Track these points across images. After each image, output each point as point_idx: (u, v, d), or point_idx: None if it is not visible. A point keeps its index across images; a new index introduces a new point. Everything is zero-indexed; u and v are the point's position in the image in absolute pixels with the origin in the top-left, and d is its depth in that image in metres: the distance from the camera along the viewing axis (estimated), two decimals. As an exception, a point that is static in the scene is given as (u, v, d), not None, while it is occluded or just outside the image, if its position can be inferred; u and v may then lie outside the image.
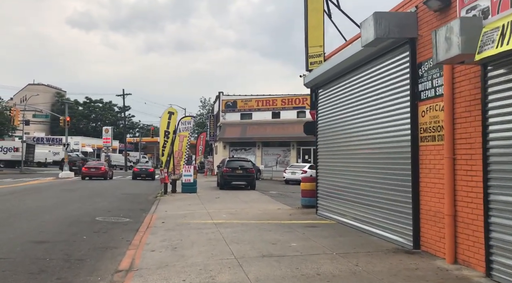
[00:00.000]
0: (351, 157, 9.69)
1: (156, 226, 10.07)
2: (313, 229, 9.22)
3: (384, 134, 8.08)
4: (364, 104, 9.02)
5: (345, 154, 10.03)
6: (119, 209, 13.75)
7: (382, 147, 8.18)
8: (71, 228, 9.83)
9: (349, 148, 9.83)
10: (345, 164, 10.02)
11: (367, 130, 8.85)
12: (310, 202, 13.10)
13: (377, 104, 8.38)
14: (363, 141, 9.03)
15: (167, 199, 17.20)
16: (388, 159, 7.95)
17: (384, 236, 7.82)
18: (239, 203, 15.39)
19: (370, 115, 8.69)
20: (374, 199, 8.37)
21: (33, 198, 16.77)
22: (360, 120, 9.18)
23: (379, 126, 8.27)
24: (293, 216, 11.39)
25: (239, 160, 24.15)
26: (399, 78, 7.55)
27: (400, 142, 7.51)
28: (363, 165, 9.04)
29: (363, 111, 9.04)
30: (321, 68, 10.66)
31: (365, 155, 8.97)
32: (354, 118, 9.51)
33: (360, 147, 9.23)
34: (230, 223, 10.26)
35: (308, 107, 38.91)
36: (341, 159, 10.29)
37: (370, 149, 8.72)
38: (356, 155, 9.48)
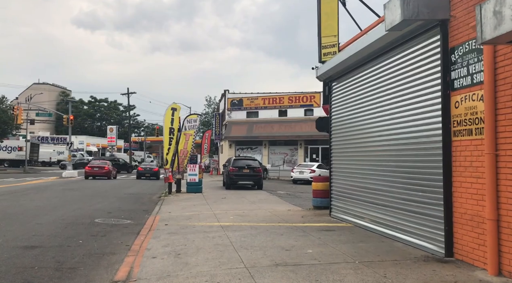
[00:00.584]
0: (370, 155, 8.92)
1: (159, 229, 9.36)
2: (329, 233, 8.46)
3: (410, 129, 7.30)
4: (385, 96, 8.24)
5: (363, 151, 9.26)
6: (120, 210, 13.07)
7: (407, 143, 7.40)
8: (67, 231, 9.15)
9: (368, 145, 9.05)
10: (363, 162, 9.25)
11: (389, 125, 8.07)
12: (323, 203, 12.36)
13: (401, 95, 7.60)
14: (385, 136, 8.25)
15: (171, 199, 16.52)
16: (414, 157, 7.17)
17: (410, 242, 7.05)
18: (246, 204, 14.66)
19: (393, 108, 7.91)
20: (398, 200, 7.60)
21: (32, 198, 16.14)
22: (381, 114, 8.40)
23: (404, 120, 7.49)
24: (306, 218, 10.63)
25: (246, 159, 23.43)
26: (427, 66, 6.77)
27: (429, 137, 6.73)
28: (384, 163, 8.27)
29: (384, 104, 8.27)
30: (336, 58, 9.89)
31: (387, 153, 8.19)
32: (373, 111, 8.73)
33: (380, 143, 8.45)
34: (238, 226, 9.53)
35: (316, 105, 38.19)
36: (358, 157, 9.52)
37: (393, 146, 7.94)
38: (376, 152, 8.71)
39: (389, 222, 7.90)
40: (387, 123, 8.18)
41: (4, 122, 43.33)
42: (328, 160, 35.32)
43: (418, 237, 6.85)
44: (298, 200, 16.88)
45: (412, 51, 7.18)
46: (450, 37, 6.24)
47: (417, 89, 7.05)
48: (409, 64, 7.31)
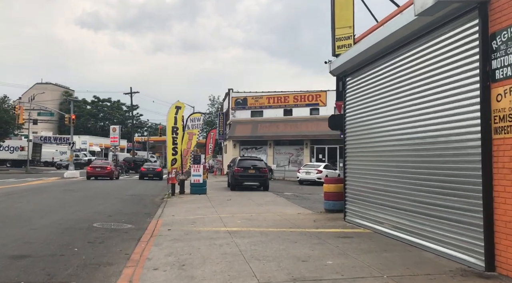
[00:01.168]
0: (391, 155, 8.19)
1: (161, 235, 8.67)
2: (348, 240, 7.74)
3: (439, 126, 6.57)
4: (409, 90, 7.51)
5: (383, 151, 8.53)
6: (121, 213, 12.39)
7: (436, 143, 6.68)
8: (62, 236, 8.47)
9: (388, 144, 8.33)
10: (383, 163, 8.52)
11: (414, 122, 7.34)
12: (335, 206, 11.64)
13: (428, 89, 6.87)
14: (409, 135, 7.52)
15: (175, 201, 15.84)
16: (444, 157, 6.44)
17: (441, 252, 6.31)
18: (253, 206, 13.96)
19: (418, 104, 7.18)
20: (425, 205, 6.86)
21: (30, 199, 15.50)
22: (404, 109, 7.68)
23: (432, 116, 6.76)
24: (318, 223, 9.91)
25: (251, 159, 22.72)
26: (462, 55, 6.03)
27: (463, 135, 6.00)
28: (407, 164, 7.54)
29: (407, 98, 7.54)
30: (353, 50, 9.17)
31: (411, 152, 7.47)
32: (395, 107, 8.01)
33: (403, 142, 7.72)
34: (247, 232, 8.82)
35: (322, 104, 37.43)
36: (377, 158, 8.80)
37: (418, 145, 7.21)
38: (397, 152, 7.98)
39: (414, 229, 7.17)
40: (411, 119, 7.46)
41: (6, 122, 42.79)
42: (331, 160, 34.28)
43: (452, 247, 6.11)
44: (307, 202, 16.17)
45: (443, 39, 6.44)
46: (491, 21, 5.51)
47: (449, 82, 6.32)
48: (439, 54, 6.58)
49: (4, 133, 45.14)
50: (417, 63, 7.21)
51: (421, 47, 7.05)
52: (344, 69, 9.99)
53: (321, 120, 34.57)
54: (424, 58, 6.98)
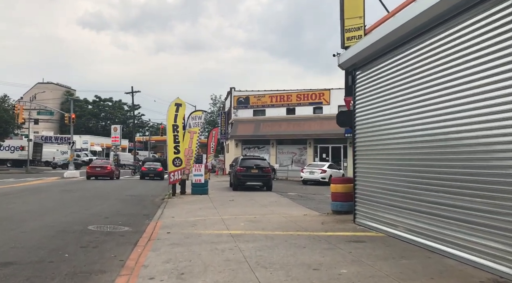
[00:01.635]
0: (407, 153, 7.61)
1: (160, 239, 8.11)
2: (360, 245, 7.16)
3: (466, 119, 5.98)
4: (428, 83, 6.94)
5: (398, 149, 7.95)
6: (119, 214, 11.85)
7: (460, 138, 6.10)
8: (54, 240, 7.91)
9: (403, 141, 7.74)
10: (397, 162, 7.94)
11: (433, 117, 6.77)
12: (343, 207, 11.06)
13: (455, 79, 6.25)
14: (427, 130, 6.94)
15: (175, 202, 15.29)
16: (474, 154, 5.83)
17: (466, 260, 5.73)
18: (257, 207, 13.39)
19: (440, 96, 6.60)
20: (447, 208, 6.28)
21: (26, 200, 14.97)
22: (423, 104, 7.10)
23: (458, 109, 6.17)
24: (327, 226, 9.33)
25: (254, 159, 22.14)
26: (503, 37, 5.31)
27: (495, 129, 5.41)
28: (427, 163, 6.96)
29: (428, 91, 6.96)
30: (364, 42, 8.60)
31: (431, 150, 6.88)
32: (413, 102, 7.42)
33: (421, 139, 7.14)
34: (251, 235, 8.25)
35: (325, 102, 36.82)
36: (391, 156, 8.22)
37: (439, 142, 6.63)
38: (414, 149, 7.40)
39: (434, 233, 6.59)
40: (429, 114, 6.90)
41: (6, 122, 42.33)
42: (335, 159, 33.62)
43: (480, 254, 5.52)
44: (312, 202, 15.60)
45: (479, 20, 5.71)
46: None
47: (476, 72, 5.72)
48: (469, 38, 5.93)
49: (4, 133, 44.69)
50: (437, 53, 6.65)
51: (446, 32, 6.43)
52: (354, 62, 9.41)
53: (325, 119, 34.04)
54: (450, 45, 6.34)
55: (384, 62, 8.50)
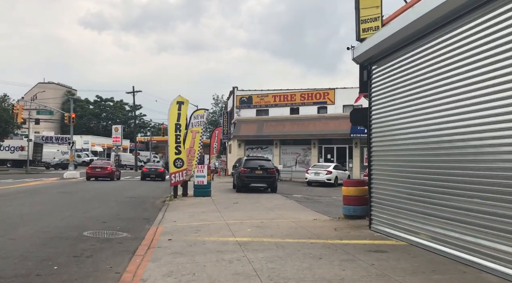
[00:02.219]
0: (432, 153, 6.93)
1: (160, 247, 7.45)
2: (383, 256, 6.47)
3: (504, 116, 5.29)
4: (456, 77, 6.27)
5: (420, 149, 7.27)
6: (117, 218, 11.18)
7: (487, 137, 5.41)
8: (45, 249, 7.25)
9: (427, 141, 7.06)
10: (420, 163, 7.26)
11: (460, 114, 6.11)
12: (356, 211, 10.38)
13: (481, 74, 5.61)
14: (456, 129, 6.26)
15: (177, 204, 14.63)
16: (497, 155, 5.16)
17: (510, 276, 5.04)
18: (262, 211, 12.71)
19: (469, 91, 5.93)
20: (483, 215, 5.59)
21: (20, 203, 14.32)
22: (448, 100, 6.44)
23: (485, 106, 5.50)
24: (341, 232, 8.64)
25: (258, 159, 21.43)
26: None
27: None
28: (456, 164, 6.28)
29: (453, 86, 6.30)
30: (382, 33, 7.91)
31: (459, 150, 6.19)
32: (438, 97, 6.75)
33: (449, 138, 6.47)
34: (260, 243, 7.57)
35: (330, 102, 36.11)
36: (412, 157, 7.52)
37: (471, 141, 5.94)
38: (438, 150, 6.73)
39: (466, 243, 5.90)
40: (453, 112, 6.32)
41: (5, 121, 41.77)
42: (341, 160, 32.82)
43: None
44: (320, 205, 14.92)
45: (509, 9, 5.15)
46: None
47: None
48: (498, 29, 5.29)
49: (4, 133, 44.13)
50: (466, 43, 5.97)
51: (476, 21, 5.76)
52: (370, 56, 8.73)
53: (330, 119, 33.37)
54: (472, 38, 5.71)
55: (404, 55, 7.83)
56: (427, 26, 6.93)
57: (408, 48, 7.69)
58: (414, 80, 7.56)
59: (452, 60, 6.45)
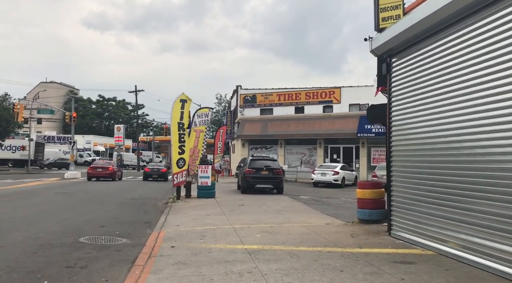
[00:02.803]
0: (466, 153, 6.23)
1: (162, 255, 6.78)
2: (411, 268, 5.76)
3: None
4: (492, 68, 5.55)
5: (449, 148, 6.57)
6: (117, 222, 10.52)
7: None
8: (35, 258, 6.59)
9: (457, 139, 6.36)
10: (449, 163, 6.56)
11: (488, 111, 5.42)
12: (372, 215, 9.69)
13: None
14: (489, 126, 5.55)
15: (180, 207, 13.97)
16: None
17: None
18: (270, 214, 12.02)
19: (499, 86, 5.22)
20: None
21: (15, 205, 13.68)
22: (476, 95, 5.81)
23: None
24: (359, 239, 7.93)
25: (264, 160, 20.71)
26: None
27: None
28: (489, 165, 5.57)
29: (482, 80, 5.63)
30: (404, 22, 7.21)
31: (496, 150, 5.49)
32: (471, 91, 6.04)
33: (482, 136, 5.75)
34: (271, 252, 6.88)
35: (336, 101, 35.35)
36: (439, 157, 6.82)
37: (504, 140, 5.25)
38: (473, 149, 6.02)
39: (507, 255, 5.20)
40: (481, 109, 5.78)
41: (6, 121, 41.24)
42: (347, 160, 32.01)
43: None
44: (329, 208, 14.22)
45: None
46: None
47: None
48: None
49: (4, 132, 43.62)
50: (500, 32, 5.27)
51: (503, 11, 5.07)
52: (390, 47, 8.02)
53: (336, 118, 32.61)
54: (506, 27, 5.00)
55: (429, 45, 7.13)
56: (456, 14, 6.26)
57: (434, 38, 7.00)
58: (439, 73, 6.88)
59: (483, 50, 5.80)
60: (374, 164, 29.30)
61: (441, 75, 6.85)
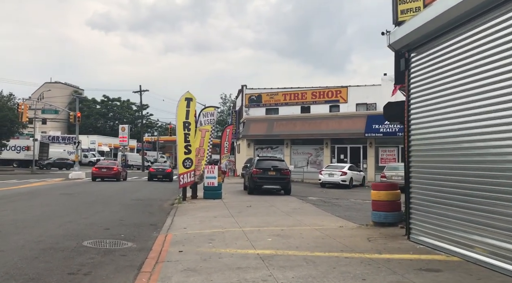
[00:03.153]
0: (494, 153, 5.81)
1: (170, 260, 6.41)
2: (439, 276, 5.35)
3: None
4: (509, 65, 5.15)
5: (474, 147, 6.15)
6: (122, 224, 10.17)
7: None
8: (36, 263, 6.23)
9: (483, 138, 5.94)
10: (475, 164, 6.14)
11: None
12: (387, 218, 9.29)
13: None
14: None
15: (187, 208, 13.61)
16: None
17: None
18: (280, 216, 11.63)
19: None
20: None
21: (17, 206, 13.36)
22: (503, 91, 5.34)
23: None
24: (377, 244, 7.52)
25: (271, 160, 20.28)
26: None
27: None
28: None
29: None
30: (424, 15, 6.79)
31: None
32: (496, 87, 5.63)
33: (507, 135, 5.35)
34: (286, 257, 6.49)
35: (342, 100, 34.90)
36: (464, 157, 6.40)
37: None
38: (500, 148, 5.60)
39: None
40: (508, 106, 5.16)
41: (10, 121, 41.08)
42: (354, 160, 31.53)
43: None
44: (339, 209, 13.81)
45: None
46: None
47: None
48: None
49: (9, 132, 43.48)
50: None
51: None
52: (409, 41, 7.61)
53: (343, 118, 32.14)
54: None
55: (453, 39, 6.72)
56: (483, 5, 5.86)
57: (457, 32, 6.59)
58: (462, 68, 6.49)
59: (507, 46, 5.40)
60: (382, 164, 28.82)
61: (464, 71, 6.45)
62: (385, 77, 33.96)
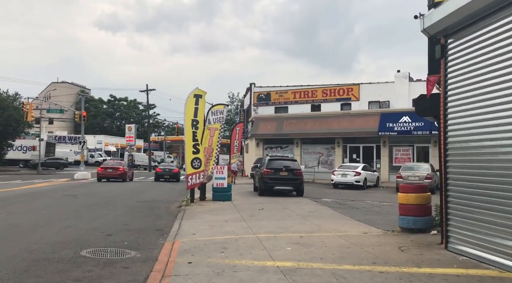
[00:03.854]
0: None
1: (178, 274, 5.61)
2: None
3: None
4: None
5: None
6: (125, 230, 9.39)
7: None
8: (24, 278, 5.44)
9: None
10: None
11: None
12: (417, 223, 8.41)
13: None
14: None
15: (195, 211, 12.82)
16: None
17: None
18: (295, 220, 10.79)
19: None
20: None
21: (15, 209, 12.63)
22: None
23: None
24: (411, 255, 6.64)
25: (283, 160, 19.40)
26: None
27: None
28: None
29: None
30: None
31: None
32: None
33: None
34: (310, 271, 5.65)
35: (354, 98, 33.92)
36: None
37: None
38: None
39: None
40: None
41: (16, 120, 40.64)
42: (367, 160, 30.46)
43: None
44: (357, 213, 12.93)
45: None
46: None
47: None
48: None
49: (15, 132, 43.07)
50: None
51: None
52: (447, 25, 6.72)
53: (355, 116, 31.18)
54: None
55: (496, 22, 5.85)
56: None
57: (505, 12, 5.70)
58: (509, 55, 5.60)
59: None
60: (396, 164, 27.86)
61: (510, 58, 5.57)
62: (399, 74, 32.97)
